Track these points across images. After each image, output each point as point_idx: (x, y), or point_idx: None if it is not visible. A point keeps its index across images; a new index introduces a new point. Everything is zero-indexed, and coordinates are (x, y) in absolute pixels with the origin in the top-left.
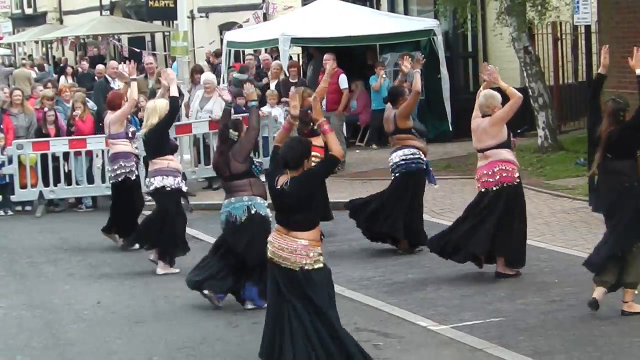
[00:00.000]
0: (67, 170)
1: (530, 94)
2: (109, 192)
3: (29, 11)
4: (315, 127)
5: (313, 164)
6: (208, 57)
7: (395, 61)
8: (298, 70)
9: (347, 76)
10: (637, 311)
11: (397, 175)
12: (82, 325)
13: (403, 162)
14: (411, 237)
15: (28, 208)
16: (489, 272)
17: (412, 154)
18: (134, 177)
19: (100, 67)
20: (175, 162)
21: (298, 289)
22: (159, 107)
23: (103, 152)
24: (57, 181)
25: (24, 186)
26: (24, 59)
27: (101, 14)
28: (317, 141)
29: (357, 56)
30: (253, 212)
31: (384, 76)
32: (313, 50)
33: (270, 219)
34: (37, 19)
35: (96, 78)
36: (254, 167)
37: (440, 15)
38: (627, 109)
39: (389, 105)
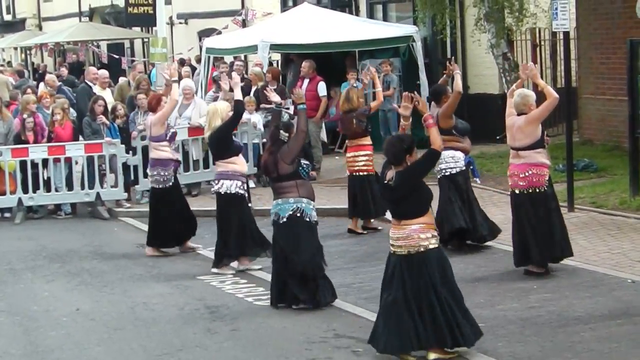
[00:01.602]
0: (46, 177)
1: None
2: (88, 199)
3: (7, 17)
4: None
5: (361, 163)
6: (189, 62)
7: (374, 67)
8: (277, 76)
9: (326, 82)
10: None
11: (440, 177)
12: (61, 332)
13: (442, 165)
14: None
15: (7, 214)
16: (467, 279)
17: (451, 157)
18: (170, 184)
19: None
20: (239, 165)
21: (417, 272)
22: (219, 109)
23: (84, 158)
24: (36, 187)
25: (2, 193)
26: (2, 65)
27: (80, 20)
28: (367, 140)
29: (336, 62)
30: (298, 214)
31: (355, 83)
32: (293, 55)
33: (316, 222)
34: (16, 25)
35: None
36: (300, 168)
37: (419, 22)
38: None
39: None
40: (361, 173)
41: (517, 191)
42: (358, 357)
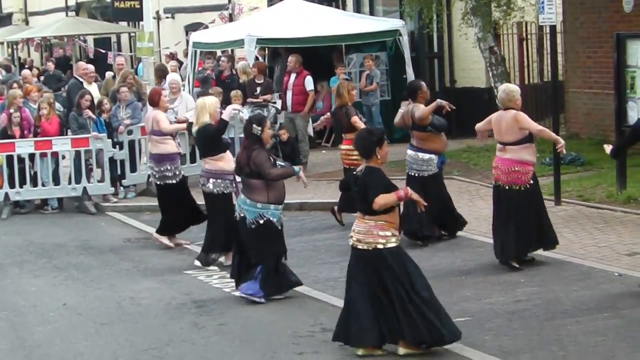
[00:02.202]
0: (32, 172)
1: (496, 94)
2: (75, 194)
3: None
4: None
5: (356, 156)
6: (176, 56)
7: (360, 61)
8: (264, 70)
9: (313, 77)
10: None
11: (412, 175)
12: (48, 327)
13: (415, 167)
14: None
15: None
16: (454, 272)
17: (426, 159)
18: (178, 180)
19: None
20: (225, 163)
21: (376, 267)
22: (208, 104)
23: (71, 153)
24: (22, 182)
25: None
26: None
27: (67, 15)
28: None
29: (323, 57)
30: (263, 220)
31: (343, 77)
32: (281, 49)
33: (280, 226)
34: (3, 20)
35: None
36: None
37: (406, 16)
38: None
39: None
40: (355, 166)
41: (500, 184)
42: (345, 350)
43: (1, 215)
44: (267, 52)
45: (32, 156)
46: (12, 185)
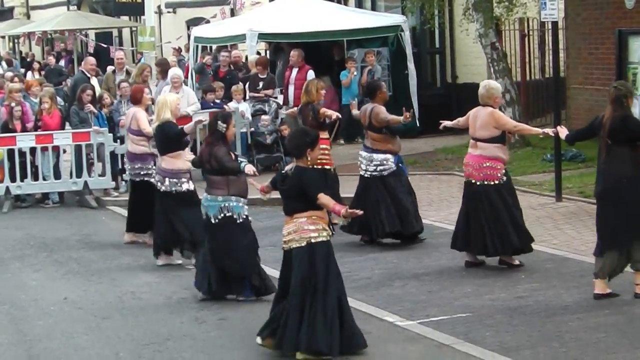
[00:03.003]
0: (33, 166)
1: None
2: (76, 188)
3: None
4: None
5: (322, 155)
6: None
7: (362, 57)
8: (266, 65)
9: (315, 71)
10: None
11: (368, 177)
12: (49, 321)
13: (370, 168)
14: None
15: None
16: (455, 268)
17: (383, 159)
18: (151, 179)
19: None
20: (181, 162)
21: (304, 264)
22: (169, 101)
23: (72, 147)
24: (23, 176)
25: None
26: None
27: (68, 9)
28: (324, 134)
29: (324, 51)
30: (227, 213)
31: (355, 72)
32: (284, 44)
33: (246, 220)
34: (4, 14)
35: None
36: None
37: (407, 11)
38: (629, 95)
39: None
40: (317, 166)
41: (472, 181)
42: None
43: (2, 209)
44: (270, 46)
45: (33, 150)
46: (13, 179)
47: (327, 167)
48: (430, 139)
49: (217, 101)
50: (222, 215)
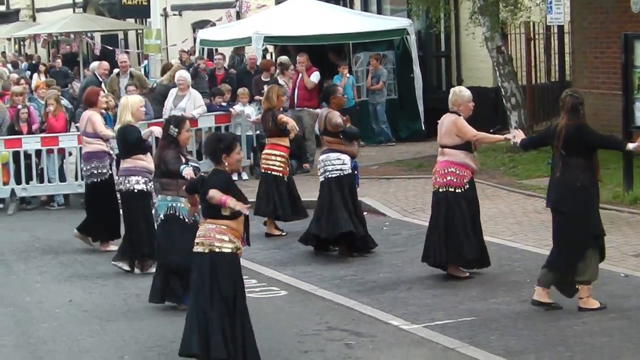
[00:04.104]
0: (39, 168)
1: (503, 93)
2: (81, 190)
3: (1, 8)
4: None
5: (277, 163)
6: (180, 56)
7: (367, 60)
8: (269, 68)
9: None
10: (593, 307)
11: (324, 180)
12: (54, 324)
13: (329, 167)
14: (354, 241)
15: (0, 205)
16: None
17: (338, 159)
18: (107, 177)
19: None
20: (146, 162)
21: (208, 272)
22: (130, 102)
23: (78, 149)
24: (29, 179)
25: None
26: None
27: (74, 11)
28: (284, 141)
29: (328, 55)
30: (173, 212)
31: (348, 75)
32: (290, 47)
33: (193, 223)
34: (10, 16)
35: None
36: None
37: (413, 15)
38: (584, 102)
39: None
40: (273, 172)
41: (438, 189)
42: (350, 349)
43: (7, 211)
44: (275, 50)
45: (38, 152)
46: (18, 182)
47: (276, 173)
48: (436, 142)
49: (224, 104)
50: (169, 212)
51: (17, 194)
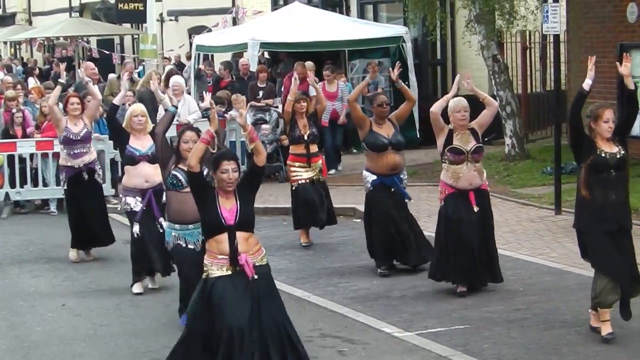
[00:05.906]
0: (33, 172)
1: (498, 102)
2: None
3: None
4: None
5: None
6: (177, 60)
7: (363, 67)
8: (267, 75)
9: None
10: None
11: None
12: (47, 328)
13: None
14: None
15: None
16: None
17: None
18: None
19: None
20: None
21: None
22: (127, 113)
23: None
24: (23, 182)
25: None
26: None
27: (70, 16)
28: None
29: (324, 62)
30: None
31: (344, 82)
32: (283, 54)
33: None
34: (6, 20)
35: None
36: (169, 177)
37: (409, 22)
38: None
39: None
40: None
41: None
42: (344, 356)
43: (1, 215)
44: (268, 57)
45: (33, 156)
46: (12, 185)
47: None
48: (431, 150)
49: (222, 110)
50: (177, 242)
51: (11, 197)
